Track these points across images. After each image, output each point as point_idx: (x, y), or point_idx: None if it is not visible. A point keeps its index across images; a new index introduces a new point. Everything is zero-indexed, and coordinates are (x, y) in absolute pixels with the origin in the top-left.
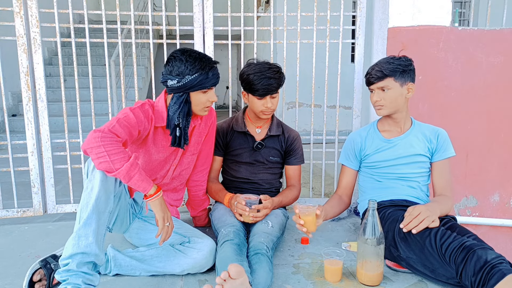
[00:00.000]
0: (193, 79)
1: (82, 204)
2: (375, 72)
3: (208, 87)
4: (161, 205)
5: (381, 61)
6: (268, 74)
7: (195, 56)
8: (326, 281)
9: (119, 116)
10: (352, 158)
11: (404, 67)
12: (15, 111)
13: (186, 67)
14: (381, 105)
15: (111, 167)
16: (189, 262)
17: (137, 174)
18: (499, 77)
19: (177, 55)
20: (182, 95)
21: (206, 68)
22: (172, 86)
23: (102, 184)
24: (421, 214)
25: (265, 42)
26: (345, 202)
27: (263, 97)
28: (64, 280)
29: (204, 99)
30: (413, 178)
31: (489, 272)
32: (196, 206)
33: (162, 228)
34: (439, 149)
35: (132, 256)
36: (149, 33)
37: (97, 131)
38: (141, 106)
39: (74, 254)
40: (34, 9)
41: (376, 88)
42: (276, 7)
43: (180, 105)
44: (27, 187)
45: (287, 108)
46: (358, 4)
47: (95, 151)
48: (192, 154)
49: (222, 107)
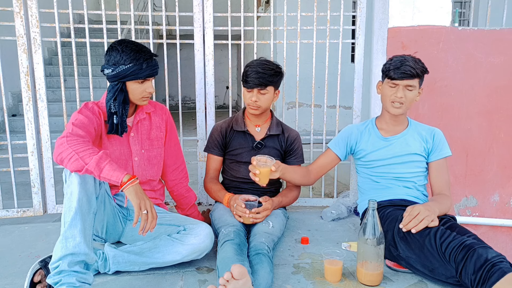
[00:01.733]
0: (126, 69)
1: (65, 209)
2: (409, 69)
3: (142, 77)
4: (136, 192)
5: (407, 58)
6: (261, 68)
7: (132, 48)
8: (326, 281)
9: (72, 121)
10: (342, 146)
11: (425, 70)
12: (15, 111)
13: (121, 57)
14: (402, 103)
15: (81, 163)
16: (187, 248)
17: (108, 165)
18: (499, 77)
19: (115, 45)
20: (117, 84)
21: (141, 60)
22: (108, 75)
23: (81, 186)
24: (420, 213)
25: (265, 42)
26: (310, 178)
27: (251, 90)
28: (57, 282)
29: (140, 89)
30: (409, 178)
31: (490, 270)
32: (183, 205)
33: (139, 215)
34: (435, 148)
35: (130, 251)
36: (149, 33)
37: (60, 138)
38: (84, 105)
39: (64, 256)
40: (34, 9)
41: (403, 85)
42: (276, 7)
43: (114, 93)
44: (27, 187)
45: (287, 108)
46: (358, 4)
47: (65, 154)
48: (158, 148)
49: (222, 107)
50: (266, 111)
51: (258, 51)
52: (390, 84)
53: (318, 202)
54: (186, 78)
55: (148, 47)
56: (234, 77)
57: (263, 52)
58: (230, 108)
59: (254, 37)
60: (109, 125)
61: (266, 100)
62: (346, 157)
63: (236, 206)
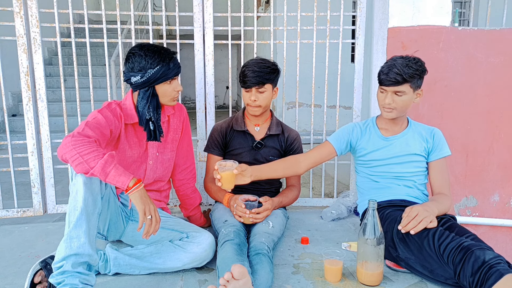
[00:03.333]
0: (156, 72)
1: (70, 208)
2: (394, 76)
3: (171, 77)
4: (141, 197)
5: (399, 62)
6: (257, 67)
7: (154, 50)
8: (326, 281)
9: (88, 119)
10: (342, 141)
11: (421, 72)
12: (15, 111)
13: (146, 62)
14: (392, 108)
15: (86, 167)
16: (189, 257)
17: (113, 169)
18: (499, 77)
19: (135, 51)
20: (148, 90)
21: (167, 60)
22: (136, 83)
23: (86, 186)
24: (419, 215)
25: (265, 42)
26: (299, 168)
27: (249, 89)
28: (60, 282)
29: (170, 89)
30: (409, 177)
31: (487, 272)
32: (188, 205)
33: (143, 221)
34: (435, 148)
35: (131, 254)
36: (149, 33)
37: (67, 136)
38: (107, 106)
39: (68, 256)
40: (34, 9)
41: (390, 91)
42: (276, 7)
43: (147, 99)
44: (27, 187)
45: (287, 108)
46: (358, 4)
47: (69, 155)
48: (171, 151)
49: (222, 107)
50: (266, 110)
51: (258, 51)
52: (381, 89)
53: (318, 202)
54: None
55: (166, 47)
56: (234, 77)
57: (263, 52)
58: (230, 108)
59: (254, 37)
60: (147, 132)
61: (265, 99)
62: (343, 153)
63: (236, 206)
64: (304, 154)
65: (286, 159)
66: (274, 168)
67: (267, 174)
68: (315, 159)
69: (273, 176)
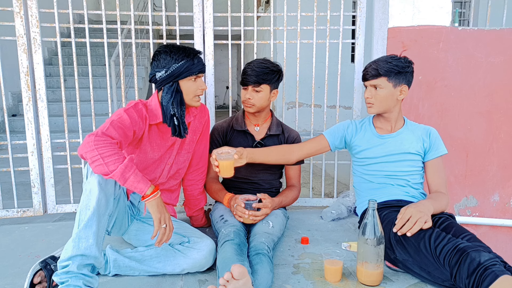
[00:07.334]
0: (180, 66)
1: (82, 207)
2: (371, 70)
3: (195, 72)
4: (157, 206)
5: (380, 58)
6: (257, 66)
7: (179, 47)
8: (326, 281)
9: (113, 117)
10: (337, 137)
11: (400, 68)
12: (15, 111)
13: (171, 57)
14: (371, 103)
15: (106, 170)
16: (188, 262)
17: (133, 175)
18: (499, 77)
19: (162, 49)
20: (172, 85)
21: (191, 55)
22: (161, 78)
23: (101, 187)
24: (413, 216)
25: (265, 42)
26: (291, 158)
27: (245, 87)
28: (63, 282)
29: (194, 87)
30: (402, 177)
31: (482, 274)
32: (192, 206)
33: (158, 229)
34: (432, 147)
35: (130, 257)
36: (149, 33)
37: (91, 135)
38: (134, 105)
39: (74, 256)
40: (34, 9)
41: (369, 85)
42: (276, 7)
43: (172, 94)
44: (27, 187)
45: (287, 108)
46: (358, 4)
47: (90, 155)
48: (188, 152)
49: (222, 107)
50: (262, 110)
51: (258, 51)
52: (364, 85)
53: (318, 202)
54: None
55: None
56: (234, 77)
57: (263, 52)
58: (230, 108)
59: (254, 37)
60: (172, 128)
61: (260, 99)
62: (337, 148)
63: (236, 206)
64: (298, 144)
65: (281, 146)
66: (267, 153)
67: (260, 158)
68: (308, 151)
69: (265, 160)
